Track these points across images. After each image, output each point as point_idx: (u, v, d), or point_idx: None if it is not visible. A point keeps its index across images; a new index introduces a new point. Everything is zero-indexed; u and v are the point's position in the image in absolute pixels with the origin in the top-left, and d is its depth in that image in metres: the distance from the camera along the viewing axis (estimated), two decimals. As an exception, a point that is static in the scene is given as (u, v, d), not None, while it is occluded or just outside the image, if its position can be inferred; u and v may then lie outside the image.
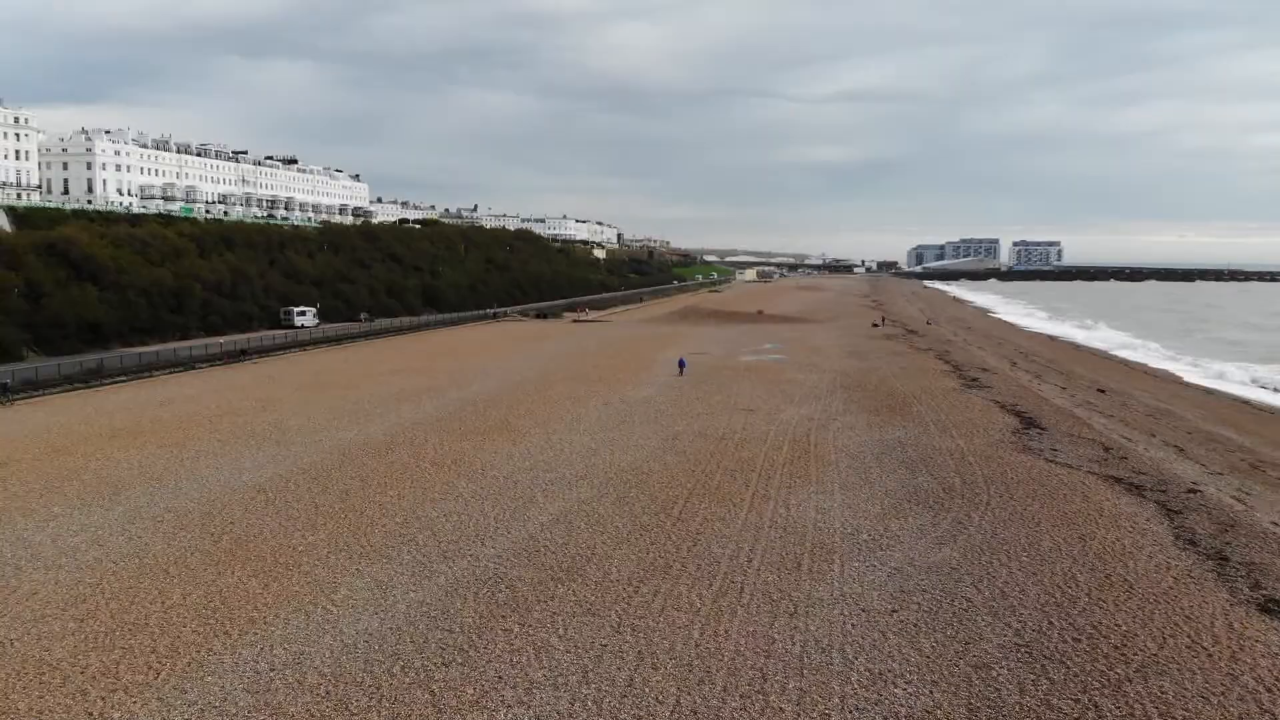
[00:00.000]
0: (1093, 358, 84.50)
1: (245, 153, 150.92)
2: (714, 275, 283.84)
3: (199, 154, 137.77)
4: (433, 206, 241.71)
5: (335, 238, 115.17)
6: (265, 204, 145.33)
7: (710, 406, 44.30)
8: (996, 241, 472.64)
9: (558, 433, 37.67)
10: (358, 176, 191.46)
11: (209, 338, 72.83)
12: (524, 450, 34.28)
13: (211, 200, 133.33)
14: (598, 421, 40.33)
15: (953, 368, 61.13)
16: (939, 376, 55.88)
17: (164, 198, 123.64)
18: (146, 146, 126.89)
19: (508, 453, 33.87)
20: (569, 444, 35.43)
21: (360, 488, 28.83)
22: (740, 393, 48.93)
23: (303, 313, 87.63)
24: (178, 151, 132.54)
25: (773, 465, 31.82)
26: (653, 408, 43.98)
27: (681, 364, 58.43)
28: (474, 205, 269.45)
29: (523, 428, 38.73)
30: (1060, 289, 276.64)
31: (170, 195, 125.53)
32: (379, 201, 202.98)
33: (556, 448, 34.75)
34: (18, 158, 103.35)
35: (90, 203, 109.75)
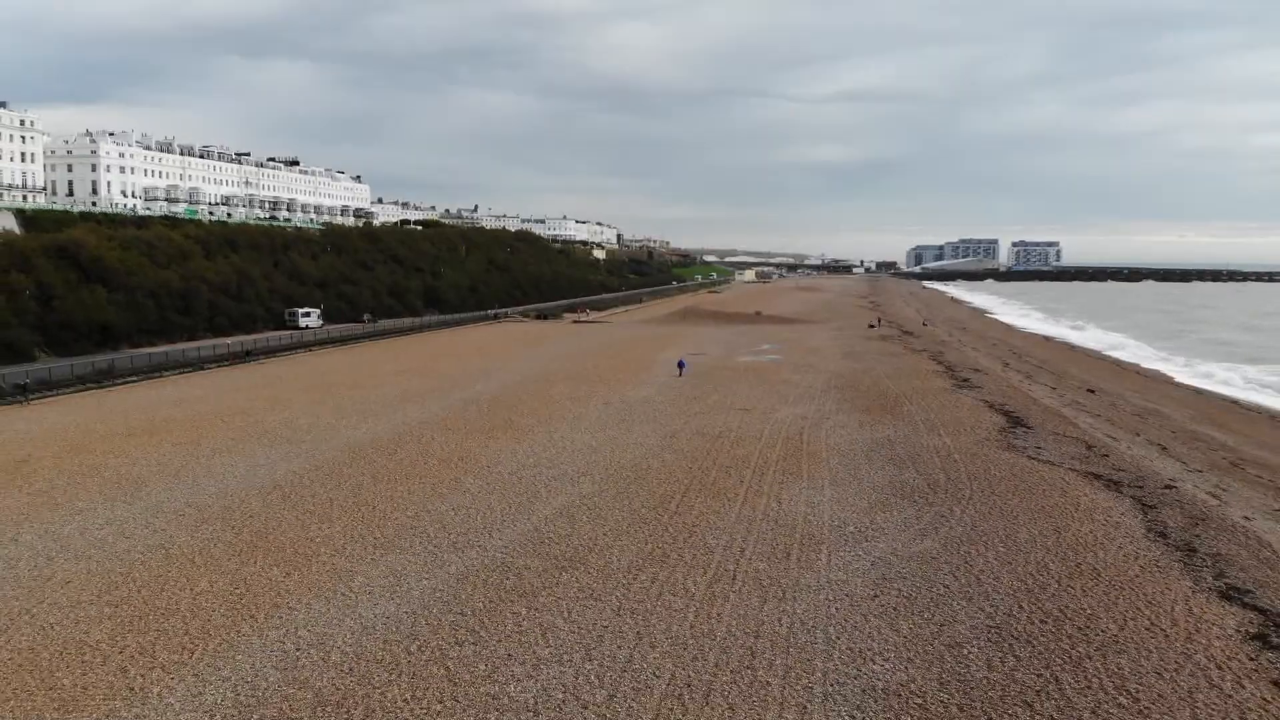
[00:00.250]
0: (1086, 358, 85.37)
1: (248, 154, 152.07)
2: (713, 276, 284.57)
3: (202, 156, 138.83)
4: (433, 207, 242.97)
5: (338, 239, 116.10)
6: (268, 205, 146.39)
7: (707, 406, 45.56)
8: (995, 242, 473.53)
9: (560, 431, 38.95)
10: (359, 178, 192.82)
11: (216, 338, 74.06)
12: (527, 448, 35.56)
13: (215, 202, 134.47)
14: (598, 420, 41.61)
15: (945, 368, 62.23)
16: (931, 377, 57.08)
17: (168, 199, 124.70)
18: (150, 148, 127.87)
19: (512, 450, 35.16)
20: (571, 442, 36.71)
21: (371, 483, 30.12)
22: (737, 393, 50.17)
23: (307, 314, 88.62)
24: (181, 153, 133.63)
25: (766, 462, 33.07)
26: (652, 407, 45.24)
27: (681, 365, 59.48)
28: (474, 206, 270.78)
29: (526, 426, 40.01)
30: (1058, 289, 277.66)
31: (174, 197, 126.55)
32: (380, 202, 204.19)
33: (559, 445, 36.04)
34: (23, 160, 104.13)
35: (95, 205, 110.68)
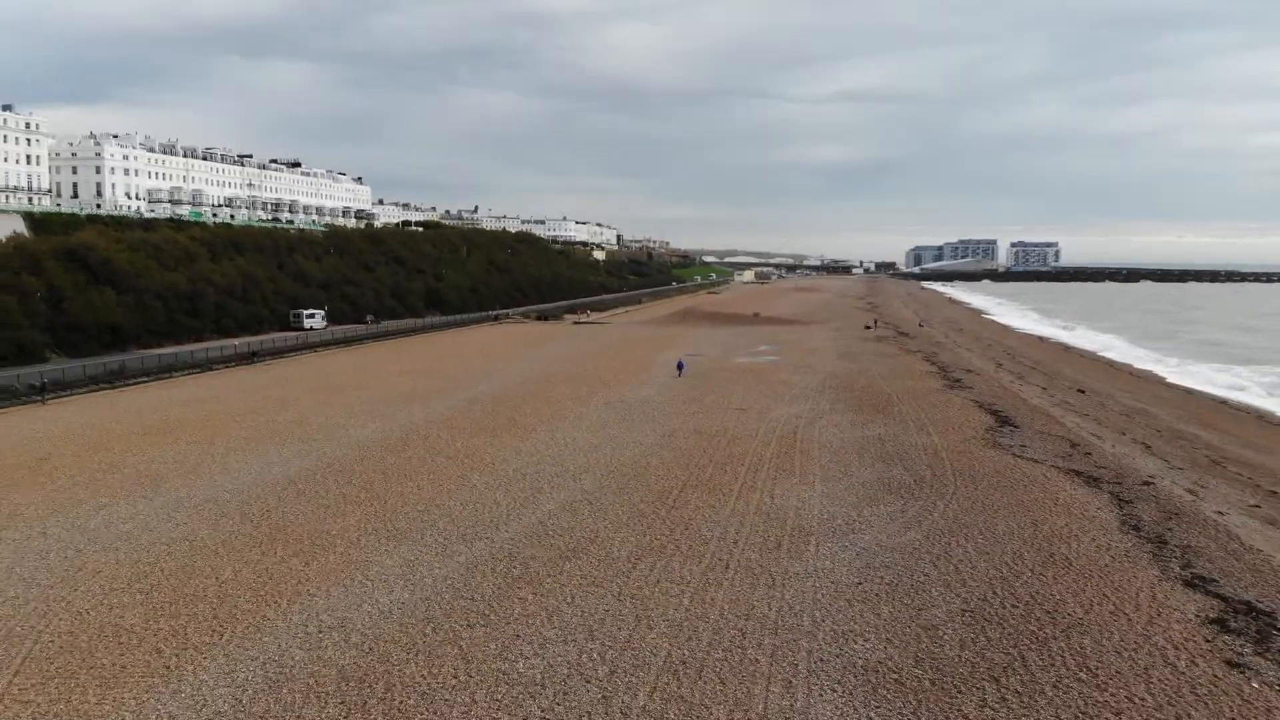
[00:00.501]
0: (1080, 359, 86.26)
1: (250, 156, 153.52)
2: (712, 276, 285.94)
3: (205, 158, 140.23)
4: (434, 208, 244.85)
5: (340, 241, 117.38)
6: (270, 207, 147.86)
7: (705, 406, 46.85)
8: (995, 242, 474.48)
9: (562, 430, 40.25)
10: (360, 179, 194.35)
11: (223, 340, 75.39)
12: (531, 446, 36.87)
13: (218, 204, 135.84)
14: (599, 420, 42.92)
15: (938, 369, 63.39)
16: (924, 378, 58.32)
17: (171, 201, 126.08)
18: (154, 150, 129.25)
19: (516, 448, 36.47)
20: (573, 440, 38.02)
21: (382, 480, 31.43)
22: (734, 393, 51.46)
23: (312, 315, 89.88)
24: (184, 155, 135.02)
25: (761, 460, 34.38)
26: (651, 407, 46.54)
27: (680, 365, 60.82)
28: (474, 207, 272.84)
29: (529, 425, 41.32)
30: (1055, 290, 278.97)
31: (177, 199, 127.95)
32: (381, 203, 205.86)
33: (561, 444, 37.35)
34: (29, 162, 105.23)
35: (99, 206, 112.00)
